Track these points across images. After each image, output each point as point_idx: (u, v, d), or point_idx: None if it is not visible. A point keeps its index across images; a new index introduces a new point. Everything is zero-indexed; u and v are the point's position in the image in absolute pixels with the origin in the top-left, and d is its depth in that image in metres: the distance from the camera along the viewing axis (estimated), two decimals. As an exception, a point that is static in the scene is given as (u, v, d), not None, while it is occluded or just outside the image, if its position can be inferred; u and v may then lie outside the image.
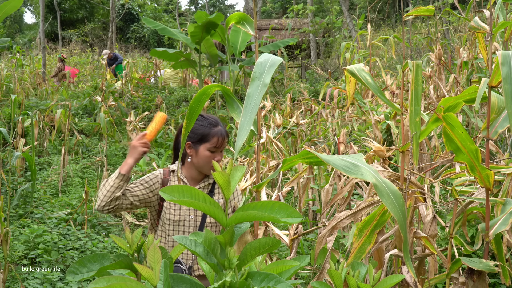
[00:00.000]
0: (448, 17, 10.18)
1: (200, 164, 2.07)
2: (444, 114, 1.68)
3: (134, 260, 1.02)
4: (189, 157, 2.09)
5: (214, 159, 2.05)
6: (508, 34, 3.12)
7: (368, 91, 6.44)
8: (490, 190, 1.76)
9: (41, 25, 12.49)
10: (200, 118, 2.11)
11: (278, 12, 26.95)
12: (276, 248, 1.10)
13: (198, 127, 2.08)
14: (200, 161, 2.06)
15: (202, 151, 2.06)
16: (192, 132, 2.07)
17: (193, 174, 2.12)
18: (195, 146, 2.07)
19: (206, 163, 2.06)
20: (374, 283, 1.35)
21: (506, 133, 3.78)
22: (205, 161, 2.06)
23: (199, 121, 2.10)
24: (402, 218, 1.42)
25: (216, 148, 2.06)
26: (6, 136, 4.33)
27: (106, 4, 24.90)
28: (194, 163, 2.09)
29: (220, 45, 12.82)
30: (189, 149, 2.09)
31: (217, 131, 2.07)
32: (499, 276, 2.73)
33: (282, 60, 1.81)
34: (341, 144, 3.38)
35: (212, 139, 2.05)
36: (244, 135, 1.50)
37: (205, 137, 2.06)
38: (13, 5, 3.60)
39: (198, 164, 2.08)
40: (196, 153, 2.07)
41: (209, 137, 2.06)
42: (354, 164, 1.37)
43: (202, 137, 2.06)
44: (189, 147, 2.08)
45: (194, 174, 2.12)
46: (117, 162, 7.16)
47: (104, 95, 9.14)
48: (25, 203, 4.89)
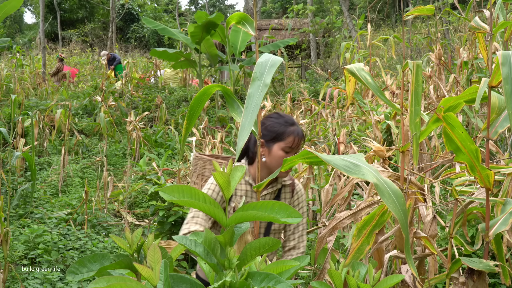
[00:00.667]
0: (448, 17, 10.18)
1: (272, 164, 1.96)
2: (444, 114, 1.68)
3: (134, 260, 1.02)
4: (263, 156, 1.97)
5: None
6: (508, 34, 3.12)
7: (368, 91, 6.44)
8: (490, 190, 1.76)
9: (41, 25, 12.49)
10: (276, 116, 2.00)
11: (278, 12, 26.95)
12: (276, 248, 1.10)
13: (273, 125, 1.96)
14: (272, 161, 1.95)
15: (276, 150, 1.94)
16: (266, 130, 1.96)
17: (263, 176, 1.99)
18: (268, 145, 1.96)
19: (278, 164, 1.94)
20: (374, 283, 1.35)
21: (506, 133, 3.78)
22: (277, 162, 1.94)
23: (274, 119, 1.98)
24: (403, 217, 1.42)
25: (291, 148, 1.94)
26: (6, 136, 4.32)
27: (106, 4, 24.90)
28: (266, 163, 1.97)
29: (220, 45, 12.82)
30: (262, 147, 1.96)
31: (293, 130, 1.95)
32: (499, 276, 2.73)
33: (282, 60, 1.81)
34: (341, 144, 3.38)
35: (288, 138, 1.94)
36: (245, 136, 1.50)
37: (280, 135, 1.94)
38: (13, 5, 3.60)
39: (271, 164, 1.96)
40: (269, 152, 1.96)
41: (284, 136, 1.94)
42: (354, 164, 1.37)
43: (277, 135, 1.94)
44: (262, 145, 1.95)
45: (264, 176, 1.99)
46: (117, 162, 7.17)
47: (104, 95, 9.14)
48: (25, 203, 4.88)
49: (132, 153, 7.36)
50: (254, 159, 2.00)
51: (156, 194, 4.11)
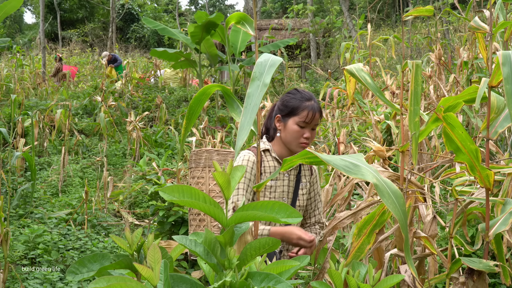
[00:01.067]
0: (448, 17, 10.18)
1: (287, 139, 1.98)
2: (444, 114, 1.68)
3: (134, 260, 1.02)
4: (278, 131, 2.00)
5: (303, 136, 1.97)
6: (508, 34, 3.12)
7: (368, 91, 6.44)
8: (490, 190, 1.76)
9: (41, 25, 12.49)
10: (294, 92, 2.03)
11: (278, 12, 26.95)
12: (276, 248, 1.10)
13: (289, 100, 1.99)
14: (287, 136, 1.97)
15: (291, 124, 1.96)
16: (283, 105, 2.00)
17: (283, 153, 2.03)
18: (284, 120, 1.99)
19: (293, 138, 1.96)
20: (374, 283, 1.35)
21: (506, 133, 3.78)
22: (292, 136, 1.96)
23: (291, 94, 2.01)
24: (403, 218, 1.42)
25: (305, 123, 1.96)
26: (6, 136, 4.33)
27: (106, 4, 24.90)
28: (282, 138, 2.00)
29: (220, 45, 12.82)
30: (278, 122, 2.00)
31: (308, 105, 1.97)
32: (499, 276, 2.73)
33: (282, 60, 1.80)
34: (341, 144, 3.38)
35: (302, 112, 1.95)
36: (245, 135, 1.50)
37: (295, 110, 1.96)
38: (13, 5, 3.60)
39: (286, 139, 1.99)
40: (284, 127, 1.99)
41: (298, 110, 1.96)
42: (354, 164, 1.37)
43: (292, 109, 1.97)
44: (278, 121, 2.00)
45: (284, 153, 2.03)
46: (117, 162, 7.17)
47: (104, 95, 9.14)
48: (25, 203, 4.89)
49: (132, 153, 7.36)
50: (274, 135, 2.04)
51: (156, 194, 4.11)
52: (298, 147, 1.99)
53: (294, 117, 1.97)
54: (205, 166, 2.58)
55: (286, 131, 1.98)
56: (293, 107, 1.97)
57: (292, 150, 2.01)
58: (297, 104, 1.97)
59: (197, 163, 2.64)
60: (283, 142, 2.01)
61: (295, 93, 2.02)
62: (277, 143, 2.03)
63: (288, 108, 1.98)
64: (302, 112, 1.96)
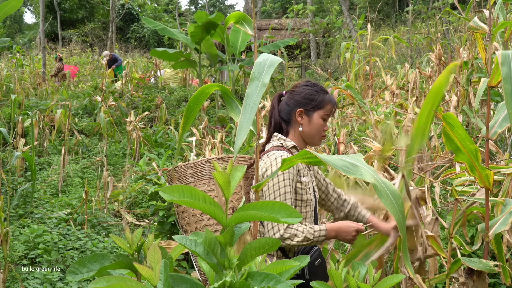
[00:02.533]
0: (448, 17, 10.18)
1: (312, 133, 1.94)
2: (444, 114, 1.68)
3: (134, 260, 1.02)
4: (300, 126, 1.95)
5: (324, 129, 1.96)
6: (508, 34, 3.12)
7: (368, 91, 6.45)
8: (490, 190, 1.76)
9: (41, 25, 12.49)
10: (310, 84, 1.98)
11: (278, 12, 26.94)
12: (276, 248, 1.10)
13: (312, 93, 1.94)
14: (312, 130, 1.94)
15: (316, 118, 1.93)
16: (305, 98, 1.94)
17: (302, 147, 1.97)
18: (308, 114, 1.94)
19: (318, 132, 1.95)
20: (374, 283, 1.35)
21: (506, 133, 3.78)
22: (318, 130, 1.94)
23: (310, 87, 1.97)
24: (401, 218, 1.42)
25: (328, 116, 1.96)
26: (6, 136, 4.33)
27: (106, 4, 24.89)
28: (304, 133, 1.95)
29: (220, 45, 12.81)
30: (300, 117, 1.94)
31: (330, 97, 1.96)
32: (499, 276, 2.73)
33: (282, 60, 1.80)
34: (341, 144, 3.38)
35: (327, 106, 1.94)
36: (244, 135, 1.50)
37: (320, 103, 1.93)
38: (13, 5, 3.60)
39: (310, 133, 1.94)
40: (309, 121, 1.94)
41: (324, 104, 1.94)
42: (353, 164, 1.37)
43: (317, 103, 1.93)
44: (300, 115, 1.94)
45: (303, 147, 1.97)
46: (117, 162, 7.17)
47: (104, 95, 9.14)
48: (25, 203, 4.88)
49: (132, 153, 7.36)
50: (288, 130, 1.97)
51: (156, 194, 4.11)
52: (320, 140, 1.97)
53: (319, 110, 1.93)
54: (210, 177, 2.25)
55: (311, 125, 1.93)
56: (318, 101, 1.93)
57: (313, 144, 1.98)
58: (321, 98, 1.94)
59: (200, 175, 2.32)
60: (303, 136, 1.96)
61: (312, 86, 1.97)
62: (296, 138, 1.97)
63: (314, 101, 1.93)
64: (327, 105, 1.94)
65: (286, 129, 1.97)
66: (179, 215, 2.05)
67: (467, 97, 4.84)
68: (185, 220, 2.00)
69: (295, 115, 1.94)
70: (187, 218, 1.99)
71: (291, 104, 1.96)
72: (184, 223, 2.02)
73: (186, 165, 1.98)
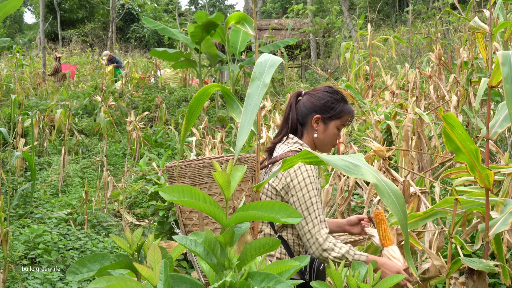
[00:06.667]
0: (448, 17, 10.18)
1: (325, 142, 1.90)
2: (444, 114, 1.68)
3: (134, 260, 1.02)
4: (315, 132, 1.89)
5: (337, 138, 1.92)
6: (508, 34, 3.12)
7: (368, 91, 6.44)
8: (490, 190, 1.76)
9: (41, 25, 12.49)
10: (331, 91, 1.91)
11: (278, 12, 26.94)
12: (276, 248, 1.10)
13: (332, 101, 1.88)
14: (326, 138, 1.89)
15: (332, 127, 1.88)
16: (324, 106, 1.88)
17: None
18: (325, 122, 1.88)
19: (331, 141, 1.90)
20: (374, 283, 1.34)
21: (506, 133, 3.78)
22: (331, 139, 1.90)
23: (331, 94, 1.90)
24: (403, 218, 1.42)
25: (343, 126, 1.91)
26: (6, 136, 4.33)
27: (106, 4, 24.90)
28: (318, 140, 1.90)
29: (220, 45, 12.81)
30: (316, 123, 1.88)
31: (349, 108, 1.91)
32: (499, 276, 2.73)
33: (282, 60, 1.80)
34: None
35: (345, 116, 1.89)
36: (245, 135, 1.50)
37: (339, 113, 1.88)
38: (13, 5, 3.60)
39: (324, 141, 1.90)
40: (325, 129, 1.88)
41: (343, 114, 1.88)
42: (354, 164, 1.37)
43: (337, 112, 1.88)
44: (316, 121, 1.88)
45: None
46: (117, 162, 7.17)
47: (104, 95, 9.14)
48: (25, 203, 4.88)
49: (132, 153, 7.36)
50: (303, 133, 1.92)
51: (156, 194, 4.11)
52: (330, 149, 1.94)
53: (336, 120, 1.89)
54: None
55: (326, 134, 1.89)
56: (338, 110, 1.88)
57: (323, 151, 1.93)
58: (341, 108, 1.89)
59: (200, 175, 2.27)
60: (316, 143, 1.92)
61: (334, 93, 1.91)
62: (309, 143, 1.92)
63: (333, 110, 1.88)
64: (345, 116, 1.90)
65: (301, 131, 1.92)
66: (184, 214, 2.01)
67: (467, 97, 4.84)
68: (193, 221, 1.97)
69: (312, 120, 1.89)
70: (195, 218, 1.95)
71: (309, 107, 1.91)
72: (191, 224, 1.98)
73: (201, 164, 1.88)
